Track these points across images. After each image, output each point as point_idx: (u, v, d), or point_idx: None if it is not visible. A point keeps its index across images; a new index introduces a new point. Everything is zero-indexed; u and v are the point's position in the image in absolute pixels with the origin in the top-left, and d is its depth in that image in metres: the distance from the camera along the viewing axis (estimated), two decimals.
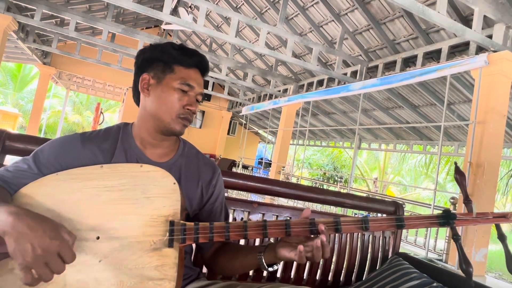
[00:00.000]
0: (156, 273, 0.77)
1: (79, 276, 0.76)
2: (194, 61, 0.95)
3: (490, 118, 3.54)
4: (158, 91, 0.92)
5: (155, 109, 0.92)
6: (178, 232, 0.79)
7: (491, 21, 3.86)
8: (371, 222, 0.79)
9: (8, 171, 0.85)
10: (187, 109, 0.92)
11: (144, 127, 0.95)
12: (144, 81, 0.94)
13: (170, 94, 0.92)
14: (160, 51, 0.95)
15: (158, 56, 0.94)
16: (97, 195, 0.82)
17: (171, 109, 0.91)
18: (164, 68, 0.93)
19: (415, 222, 0.79)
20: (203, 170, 1.02)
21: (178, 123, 0.92)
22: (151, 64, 0.94)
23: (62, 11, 5.97)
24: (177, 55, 0.94)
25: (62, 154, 0.89)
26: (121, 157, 0.92)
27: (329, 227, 0.79)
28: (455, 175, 0.82)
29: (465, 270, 0.76)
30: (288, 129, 7.96)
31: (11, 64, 17.51)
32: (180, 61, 0.94)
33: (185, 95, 0.93)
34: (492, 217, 0.76)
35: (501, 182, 10.17)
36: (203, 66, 0.98)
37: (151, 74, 0.94)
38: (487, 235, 3.50)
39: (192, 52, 0.97)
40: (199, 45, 10.76)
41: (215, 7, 5.06)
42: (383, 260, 1.54)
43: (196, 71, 0.96)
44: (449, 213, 0.77)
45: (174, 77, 0.92)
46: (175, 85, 0.92)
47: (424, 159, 15.09)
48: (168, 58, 0.94)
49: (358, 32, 5.70)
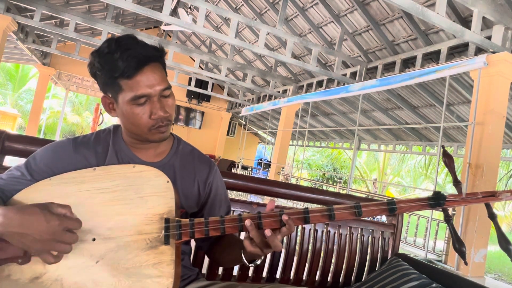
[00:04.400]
0: (153, 271, 0.77)
1: (76, 278, 0.76)
2: (133, 65, 0.81)
3: (489, 119, 3.54)
4: (120, 111, 0.87)
5: (127, 127, 0.90)
6: (174, 228, 0.79)
7: (490, 22, 3.87)
8: (363, 207, 0.80)
9: (2, 178, 0.86)
10: (153, 118, 0.85)
11: (129, 138, 0.94)
12: (107, 104, 0.89)
13: (130, 112, 0.84)
14: (98, 68, 0.84)
15: (100, 74, 0.84)
16: (91, 197, 0.82)
17: (139, 125, 0.86)
18: (113, 87, 0.84)
19: (407, 205, 0.80)
20: (199, 167, 1.02)
21: (153, 134, 0.88)
22: (102, 84, 0.87)
23: (61, 12, 5.97)
24: (114, 65, 0.81)
25: (54, 160, 0.89)
26: (113, 160, 0.92)
27: (322, 214, 0.80)
28: (443, 158, 0.82)
29: (458, 249, 0.77)
30: (287, 130, 7.96)
31: (9, 64, 17.49)
32: (121, 74, 0.81)
33: (146, 105, 0.84)
34: (482, 196, 0.78)
35: (500, 183, 10.18)
36: (148, 58, 0.83)
37: (108, 95, 0.87)
38: (486, 236, 3.50)
39: (127, 54, 0.81)
40: (198, 45, 10.77)
41: (215, 8, 5.06)
42: (382, 261, 1.54)
43: (144, 70, 0.83)
44: (439, 195, 0.78)
45: (124, 94, 0.83)
46: (129, 102, 0.83)
47: (424, 160, 15.12)
48: (108, 73, 0.83)
49: (357, 33, 5.70)
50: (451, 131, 7.22)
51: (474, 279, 1.24)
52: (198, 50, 9.39)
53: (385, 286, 1.27)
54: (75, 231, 0.73)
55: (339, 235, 1.49)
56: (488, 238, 3.54)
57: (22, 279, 0.77)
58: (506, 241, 0.75)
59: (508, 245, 0.74)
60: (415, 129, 7.70)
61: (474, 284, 1.19)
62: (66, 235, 0.71)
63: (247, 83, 8.41)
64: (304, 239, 1.44)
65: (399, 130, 8.22)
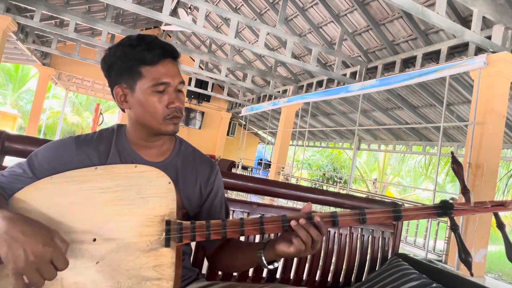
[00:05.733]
0: (153, 273, 0.76)
1: (76, 278, 0.76)
2: (157, 54, 0.87)
3: (489, 119, 3.54)
4: (135, 100, 0.88)
5: (140, 118, 0.89)
6: (175, 231, 0.79)
7: (490, 22, 3.87)
8: (368, 214, 0.78)
9: (3, 176, 0.85)
10: (171, 108, 0.88)
11: (136, 133, 0.93)
12: (119, 95, 0.90)
13: (147, 100, 0.86)
14: (119, 56, 0.87)
15: (120, 63, 0.87)
16: (92, 197, 0.81)
17: (155, 114, 0.87)
18: (132, 75, 0.87)
19: (413, 213, 0.78)
20: (201, 168, 1.02)
21: (167, 125, 0.89)
22: (118, 74, 0.89)
23: (61, 12, 5.97)
24: (137, 55, 0.86)
25: (56, 158, 0.89)
26: (115, 159, 0.92)
27: (326, 220, 0.79)
28: (452, 165, 0.80)
29: (464, 260, 0.75)
30: (287, 130, 7.96)
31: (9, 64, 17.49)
32: (143, 61, 0.86)
33: (164, 94, 0.87)
34: (490, 205, 0.75)
35: (500, 182, 10.17)
36: (170, 52, 0.90)
37: (123, 86, 0.89)
38: (486, 236, 3.50)
39: (152, 44, 0.88)
40: (198, 45, 10.77)
41: (215, 8, 5.06)
42: (382, 261, 1.54)
43: (165, 61, 0.88)
44: (446, 203, 0.77)
45: (144, 81, 0.86)
46: (149, 89, 0.86)
47: (424, 160, 15.11)
48: (130, 62, 0.86)
49: (357, 33, 5.70)
50: (451, 131, 7.22)
51: (474, 279, 1.24)
52: (198, 50, 9.40)
53: (385, 286, 1.27)
54: (48, 276, 0.68)
55: (339, 235, 1.49)
56: (488, 238, 3.54)
57: None
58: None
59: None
60: (415, 129, 7.70)
61: (474, 284, 1.19)
62: (49, 267, 0.67)
63: (247, 83, 8.41)
64: None
65: (399, 130, 8.22)
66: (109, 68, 0.89)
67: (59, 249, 0.69)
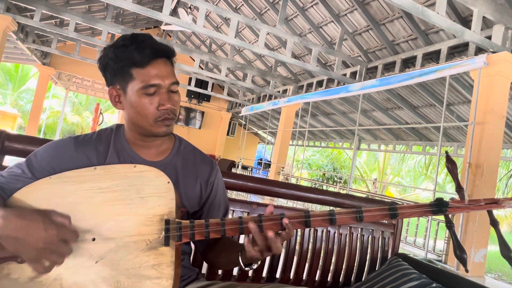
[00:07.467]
0: (153, 272, 0.76)
1: (76, 278, 0.76)
2: (148, 55, 0.85)
3: (489, 119, 3.54)
4: (127, 102, 0.88)
5: (133, 119, 0.90)
6: (174, 230, 0.79)
7: (490, 22, 3.87)
8: (365, 212, 0.79)
9: (2, 176, 0.85)
10: (161, 109, 0.86)
11: (132, 133, 0.94)
12: (113, 96, 0.90)
13: (138, 102, 0.86)
14: (112, 58, 0.87)
15: (112, 65, 0.87)
16: (91, 197, 0.81)
17: (146, 116, 0.86)
18: (124, 76, 0.87)
19: (409, 211, 0.79)
20: (201, 167, 1.01)
21: (159, 127, 0.88)
22: (112, 75, 0.89)
23: (61, 12, 5.97)
24: (128, 56, 0.85)
25: (55, 158, 0.89)
26: (114, 159, 0.92)
27: (324, 219, 0.79)
28: (447, 164, 0.81)
29: (460, 257, 0.77)
30: (287, 130, 7.96)
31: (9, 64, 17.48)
32: (134, 62, 0.85)
33: (155, 96, 0.86)
34: (484, 203, 0.77)
35: (500, 182, 10.18)
36: (161, 52, 0.88)
37: (116, 87, 0.89)
38: (486, 236, 3.50)
39: (143, 45, 0.85)
40: (198, 45, 10.77)
41: (215, 8, 5.06)
42: (382, 261, 1.54)
43: (157, 62, 0.87)
44: (441, 201, 0.78)
45: (135, 83, 0.85)
46: (140, 91, 0.85)
47: (424, 160, 15.11)
48: (121, 63, 0.86)
49: (357, 33, 5.70)
50: (451, 131, 7.22)
51: (474, 279, 1.24)
52: (198, 50, 9.39)
53: (385, 286, 1.27)
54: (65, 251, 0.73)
55: (339, 235, 1.49)
56: (488, 238, 3.54)
57: (21, 278, 0.77)
58: (507, 249, 0.75)
59: (509, 252, 0.74)
60: (415, 129, 7.70)
61: (474, 284, 1.19)
62: (61, 246, 0.71)
63: (247, 83, 8.41)
64: (304, 239, 1.44)
65: (399, 130, 8.22)
66: (104, 69, 0.90)
67: (61, 226, 0.71)
